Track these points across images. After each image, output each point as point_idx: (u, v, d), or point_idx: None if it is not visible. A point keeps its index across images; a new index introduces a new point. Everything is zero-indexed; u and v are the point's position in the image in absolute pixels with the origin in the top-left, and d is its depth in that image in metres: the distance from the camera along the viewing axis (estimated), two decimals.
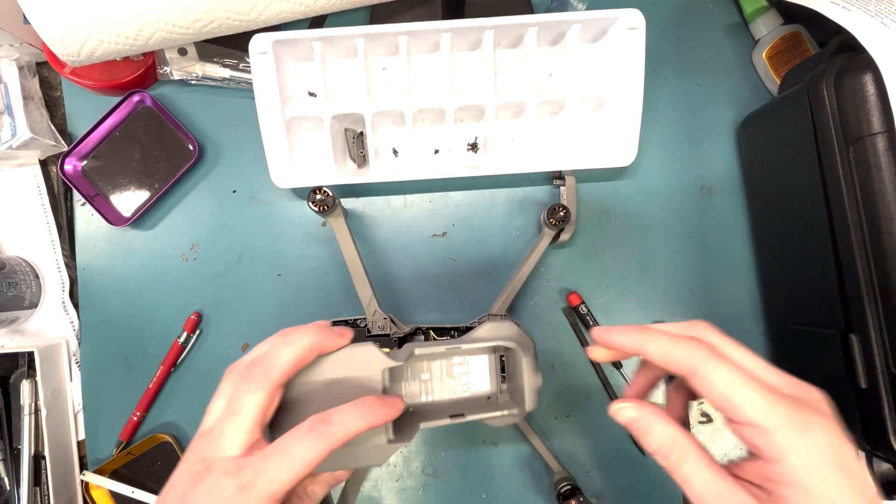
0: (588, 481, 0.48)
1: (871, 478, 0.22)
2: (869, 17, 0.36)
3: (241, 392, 0.26)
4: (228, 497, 0.24)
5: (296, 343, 0.28)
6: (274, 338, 0.29)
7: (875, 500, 0.22)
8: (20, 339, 0.50)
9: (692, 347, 0.24)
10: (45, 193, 0.50)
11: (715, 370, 0.23)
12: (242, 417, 0.26)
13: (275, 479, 0.24)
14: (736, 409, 0.22)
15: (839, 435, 0.22)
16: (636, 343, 0.26)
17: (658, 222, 0.49)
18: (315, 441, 0.25)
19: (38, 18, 0.38)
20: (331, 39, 0.44)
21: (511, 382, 0.37)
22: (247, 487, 0.24)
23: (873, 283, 0.35)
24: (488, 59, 0.45)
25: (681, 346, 0.24)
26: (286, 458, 0.25)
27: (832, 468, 0.21)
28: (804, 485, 0.21)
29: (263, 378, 0.27)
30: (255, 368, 0.27)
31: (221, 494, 0.24)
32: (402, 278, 0.49)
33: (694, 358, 0.24)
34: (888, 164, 0.34)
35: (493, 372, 0.38)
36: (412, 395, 0.36)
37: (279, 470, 0.24)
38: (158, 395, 0.48)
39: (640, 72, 0.44)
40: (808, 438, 0.21)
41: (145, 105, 0.48)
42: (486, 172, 0.46)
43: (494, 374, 0.38)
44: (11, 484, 0.48)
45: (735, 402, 0.22)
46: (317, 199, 0.41)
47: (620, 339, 0.26)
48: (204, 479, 0.24)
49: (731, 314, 0.49)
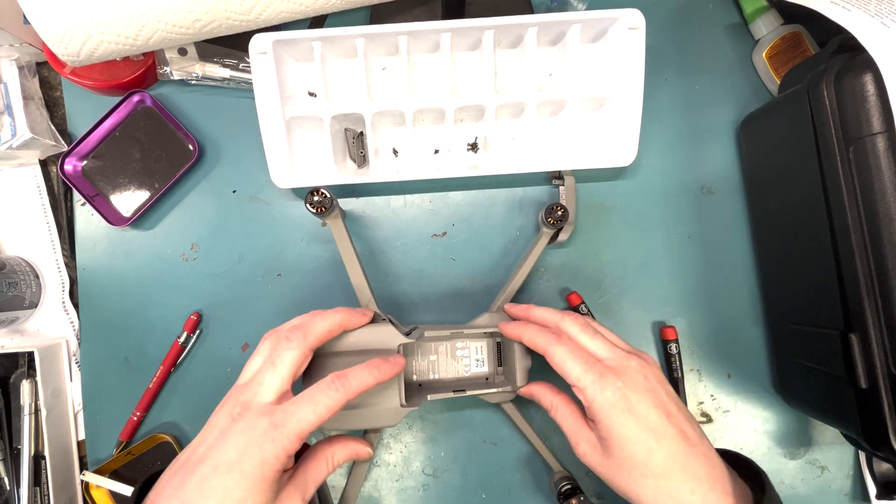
0: (588, 481, 0.48)
1: (667, 421, 0.32)
2: (869, 17, 0.36)
3: (282, 349, 0.32)
4: (263, 432, 0.29)
5: (328, 318, 0.34)
6: (307, 315, 0.35)
7: (656, 433, 0.32)
8: (20, 339, 0.50)
9: (546, 335, 0.36)
10: (45, 193, 0.50)
11: (556, 350, 0.34)
12: (280, 369, 0.31)
13: (302, 420, 0.30)
14: (566, 375, 0.34)
15: (630, 390, 0.32)
16: (516, 334, 0.38)
17: (658, 222, 0.49)
18: (335, 392, 0.31)
19: (38, 18, 0.38)
20: (331, 39, 0.44)
21: (506, 366, 0.43)
22: (279, 425, 0.29)
23: (873, 283, 0.35)
24: (488, 59, 0.45)
25: (540, 335, 0.36)
26: (312, 404, 0.30)
27: (619, 411, 0.32)
28: (602, 421, 0.33)
29: (301, 339, 0.32)
30: (296, 331, 0.33)
31: (258, 430, 0.29)
32: (402, 278, 0.49)
33: (546, 342, 0.35)
34: (888, 164, 0.34)
35: (491, 356, 0.45)
36: (421, 373, 0.44)
37: (306, 413, 0.30)
38: (158, 395, 0.48)
39: (640, 72, 0.44)
40: (604, 394, 0.32)
41: (145, 105, 0.48)
42: (486, 172, 0.46)
43: (492, 357, 0.45)
44: (11, 484, 0.48)
45: (565, 370, 0.34)
46: (314, 200, 0.41)
47: (506, 329, 0.39)
48: (242, 419, 0.29)
49: (731, 314, 0.49)
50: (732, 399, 0.49)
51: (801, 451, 0.49)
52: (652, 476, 0.31)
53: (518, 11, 0.46)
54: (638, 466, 0.32)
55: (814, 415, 0.46)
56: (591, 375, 0.33)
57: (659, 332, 0.49)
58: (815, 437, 0.49)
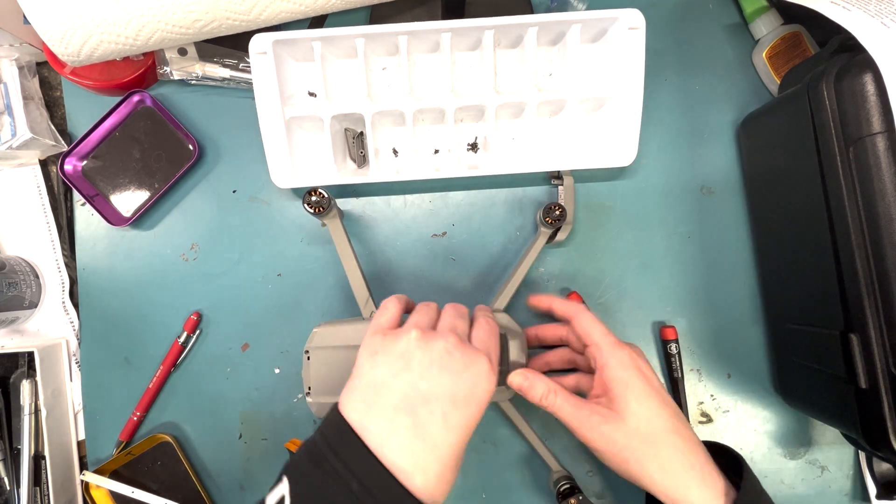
0: (588, 481, 0.48)
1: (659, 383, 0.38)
2: (869, 17, 0.36)
3: (392, 305, 0.38)
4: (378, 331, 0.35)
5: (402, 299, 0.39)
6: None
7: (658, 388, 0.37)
8: (20, 339, 0.50)
9: (577, 306, 0.41)
10: (45, 193, 0.50)
11: (583, 315, 0.40)
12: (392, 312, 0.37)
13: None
14: (588, 335, 0.38)
15: (637, 356, 0.38)
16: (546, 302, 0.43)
17: (658, 222, 0.49)
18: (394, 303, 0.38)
19: (38, 18, 0.38)
20: (331, 39, 0.44)
21: (502, 366, 0.42)
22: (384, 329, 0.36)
23: (873, 283, 0.35)
24: (488, 59, 0.45)
25: (569, 303, 0.42)
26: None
27: (630, 370, 0.36)
28: (617, 377, 0.36)
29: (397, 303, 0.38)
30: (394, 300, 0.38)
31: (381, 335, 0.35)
32: (402, 278, 0.49)
33: (576, 309, 0.40)
34: (888, 164, 0.34)
35: None
36: None
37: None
38: (158, 395, 0.48)
39: (640, 72, 0.44)
40: (618, 354, 0.37)
41: (145, 105, 0.48)
42: (485, 172, 0.46)
43: None
44: (11, 484, 0.48)
45: (589, 331, 0.39)
46: (312, 200, 0.41)
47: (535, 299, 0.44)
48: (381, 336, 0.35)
49: (731, 314, 0.49)
50: (732, 399, 0.49)
51: (801, 451, 0.49)
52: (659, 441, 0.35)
53: (518, 11, 0.46)
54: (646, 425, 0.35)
55: (814, 415, 0.46)
56: (610, 338, 0.38)
57: (659, 332, 0.49)
58: (815, 437, 0.49)
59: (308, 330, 0.42)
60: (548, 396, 0.37)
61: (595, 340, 0.38)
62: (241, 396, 0.48)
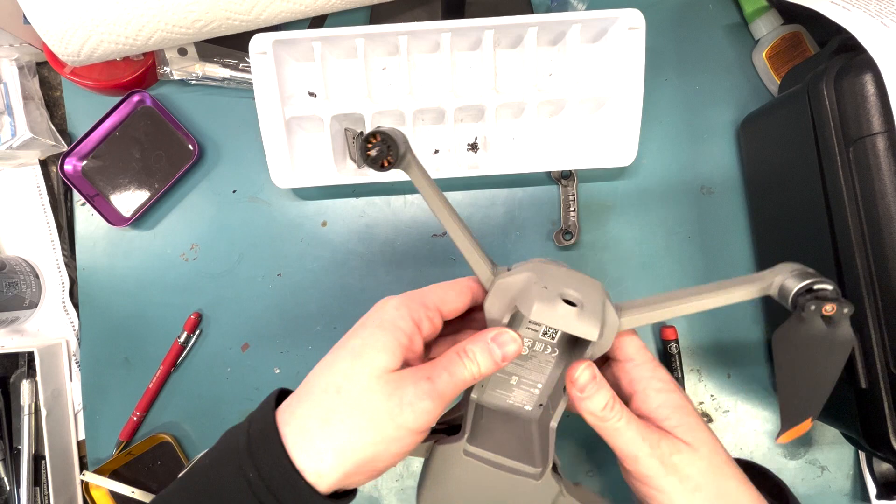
0: (588, 481, 0.48)
1: None
2: (869, 17, 0.36)
3: None
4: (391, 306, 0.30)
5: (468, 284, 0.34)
6: None
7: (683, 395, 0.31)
8: (20, 339, 0.50)
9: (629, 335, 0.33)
10: (45, 193, 0.50)
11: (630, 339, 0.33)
12: None
13: None
14: (623, 348, 0.32)
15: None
16: None
17: (658, 222, 0.49)
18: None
19: (38, 18, 0.38)
20: (331, 39, 0.44)
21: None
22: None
23: (873, 284, 0.35)
24: (488, 59, 0.45)
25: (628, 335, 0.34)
26: None
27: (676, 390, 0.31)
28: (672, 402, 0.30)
29: None
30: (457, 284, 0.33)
31: None
32: (403, 278, 0.49)
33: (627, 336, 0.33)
34: (888, 164, 0.34)
35: None
36: None
37: None
38: (158, 395, 0.48)
39: (640, 72, 0.44)
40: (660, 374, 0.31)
41: (145, 105, 0.48)
42: (486, 172, 0.46)
43: None
44: (11, 484, 0.48)
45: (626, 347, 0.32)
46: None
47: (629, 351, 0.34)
48: None
49: (731, 314, 0.49)
50: (732, 399, 0.49)
51: (801, 451, 0.49)
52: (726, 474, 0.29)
53: (518, 11, 0.46)
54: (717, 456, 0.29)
55: None
56: (648, 353, 0.32)
57: (659, 332, 0.49)
58: (815, 437, 0.49)
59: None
60: (613, 407, 0.29)
61: (630, 355, 0.31)
62: (241, 396, 0.48)
